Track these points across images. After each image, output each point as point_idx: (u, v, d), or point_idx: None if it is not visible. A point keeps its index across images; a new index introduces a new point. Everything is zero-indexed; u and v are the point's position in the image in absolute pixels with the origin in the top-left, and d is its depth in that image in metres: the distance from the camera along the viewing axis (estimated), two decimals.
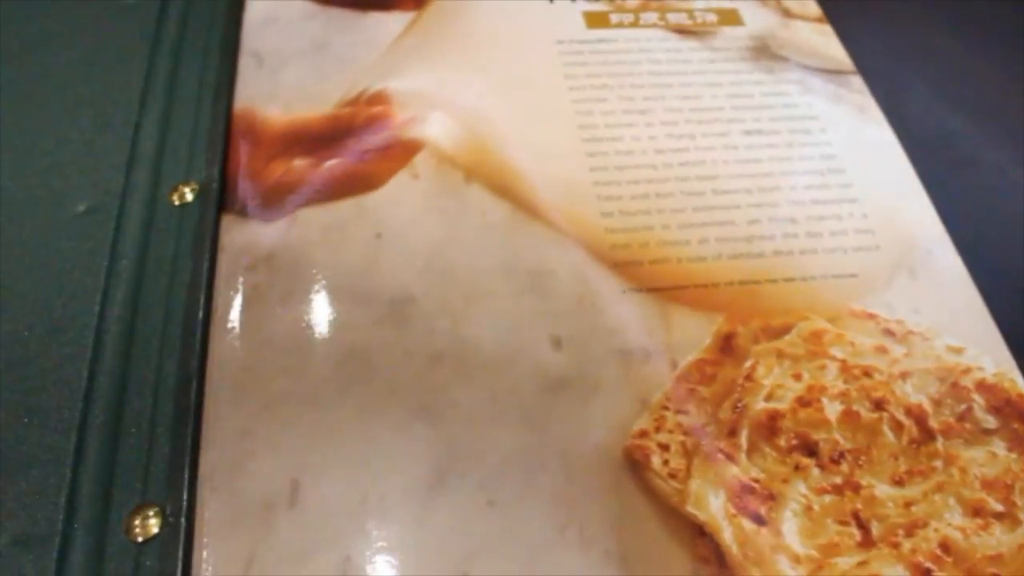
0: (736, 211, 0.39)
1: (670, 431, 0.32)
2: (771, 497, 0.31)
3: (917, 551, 0.30)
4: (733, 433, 0.32)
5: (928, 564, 0.29)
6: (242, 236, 0.37)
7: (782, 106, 0.44)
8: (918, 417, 0.33)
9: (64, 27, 0.46)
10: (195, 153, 0.40)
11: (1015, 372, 0.35)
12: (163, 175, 0.39)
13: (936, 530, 0.30)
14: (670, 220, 0.38)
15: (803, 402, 0.33)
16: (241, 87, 0.43)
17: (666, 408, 0.33)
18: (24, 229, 0.37)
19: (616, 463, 0.31)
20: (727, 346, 0.35)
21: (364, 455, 0.31)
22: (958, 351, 0.35)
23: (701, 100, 0.44)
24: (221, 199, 0.38)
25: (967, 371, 0.34)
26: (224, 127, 0.41)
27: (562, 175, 0.40)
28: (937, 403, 0.33)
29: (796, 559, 0.29)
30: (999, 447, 0.33)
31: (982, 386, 0.34)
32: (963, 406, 0.33)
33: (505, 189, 0.39)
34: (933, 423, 0.33)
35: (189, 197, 0.38)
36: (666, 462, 0.31)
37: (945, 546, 0.30)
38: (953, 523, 0.30)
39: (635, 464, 0.31)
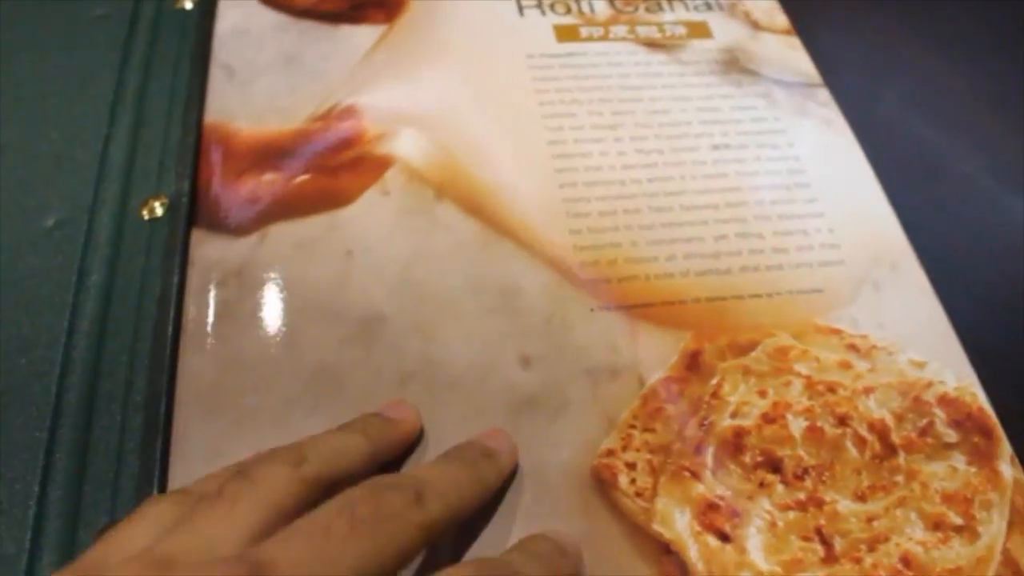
0: (703, 227, 0.39)
1: (637, 450, 0.32)
2: (736, 514, 0.31)
3: (879, 566, 0.30)
4: (699, 451, 0.32)
5: None
6: (212, 251, 0.37)
7: (750, 120, 0.45)
8: (880, 432, 0.33)
9: (33, 39, 0.45)
10: (165, 167, 0.40)
11: (976, 386, 0.35)
12: (133, 189, 0.39)
13: (897, 545, 0.31)
14: (638, 237, 0.39)
15: (768, 419, 0.33)
16: (211, 100, 0.43)
17: (633, 427, 0.33)
18: None
19: (584, 482, 0.32)
20: (694, 363, 0.35)
21: None
22: (920, 365, 0.36)
23: (670, 114, 0.44)
24: (191, 213, 0.38)
25: (929, 385, 0.35)
26: (194, 140, 0.41)
27: (531, 191, 0.40)
28: (899, 418, 0.34)
29: (759, 575, 0.30)
30: (959, 461, 0.33)
31: (943, 400, 0.35)
32: (924, 420, 0.34)
33: (475, 206, 0.39)
34: (895, 438, 0.33)
35: (159, 211, 0.38)
36: (633, 481, 0.32)
37: (906, 560, 0.30)
38: (914, 537, 0.31)
39: (602, 483, 0.32)
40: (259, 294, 0.36)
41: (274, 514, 0.24)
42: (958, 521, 0.32)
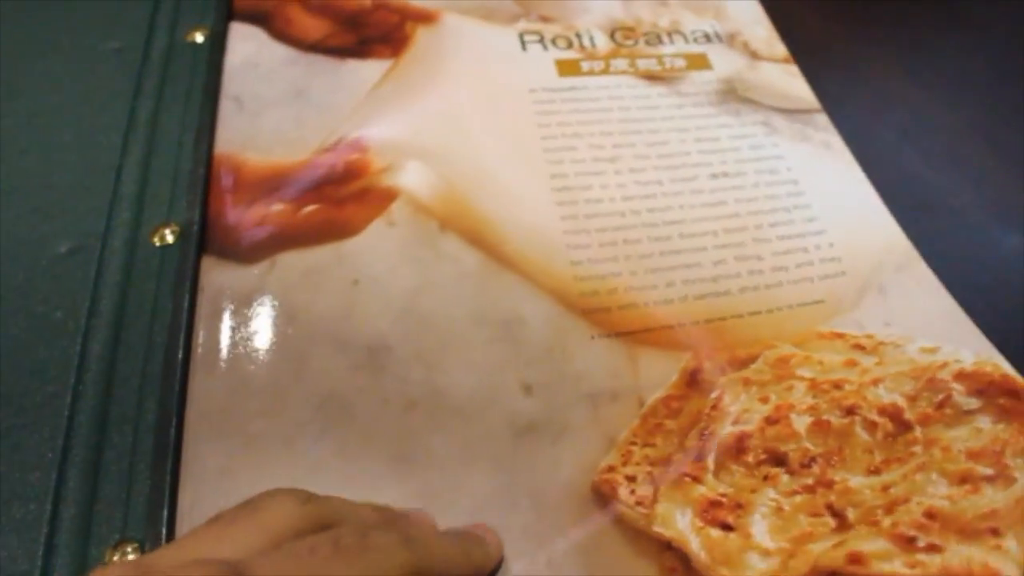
0: (702, 253, 0.40)
1: (637, 463, 0.33)
2: (739, 506, 0.31)
3: (899, 524, 0.30)
4: (700, 458, 0.33)
5: (912, 532, 0.30)
6: (222, 278, 0.38)
7: (748, 148, 0.45)
8: (892, 414, 0.34)
9: (49, 71, 0.46)
10: (176, 195, 0.41)
11: (997, 357, 0.36)
12: (144, 217, 0.40)
13: (919, 503, 0.31)
14: (637, 266, 0.39)
15: (771, 420, 0.34)
16: (221, 131, 0.44)
17: (633, 443, 0.33)
18: (6, 269, 0.38)
19: (584, 498, 0.32)
20: (693, 380, 0.35)
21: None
22: (932, 351, 0.36)
23: (668, 146, 0.45)
24: (201, 241, 0.39)
25: (943, 365, 0.35)
26: (205, 170, 0.41)
27: (533, 224, 0.41)
28: (913, 398, 0.34)
29: (766, 553, 0.30)
30: (984, 422, 0.33)
31: (961, 375, 0.35)
32: (941, 395, 0.34)
33: (478, 238, 0.40)
34: (909, 415, 0.33)
35: (170, 238, 0.39)
36: (633, 492, 0.32)
37: (930, 514, 0.30)
38: (938, 494, 0.31)
39: (602, 497, 0.32)
40: (267, 321, 0.36)
41: (268, 541, 0.24)
42: (988, 472, 0.31)
